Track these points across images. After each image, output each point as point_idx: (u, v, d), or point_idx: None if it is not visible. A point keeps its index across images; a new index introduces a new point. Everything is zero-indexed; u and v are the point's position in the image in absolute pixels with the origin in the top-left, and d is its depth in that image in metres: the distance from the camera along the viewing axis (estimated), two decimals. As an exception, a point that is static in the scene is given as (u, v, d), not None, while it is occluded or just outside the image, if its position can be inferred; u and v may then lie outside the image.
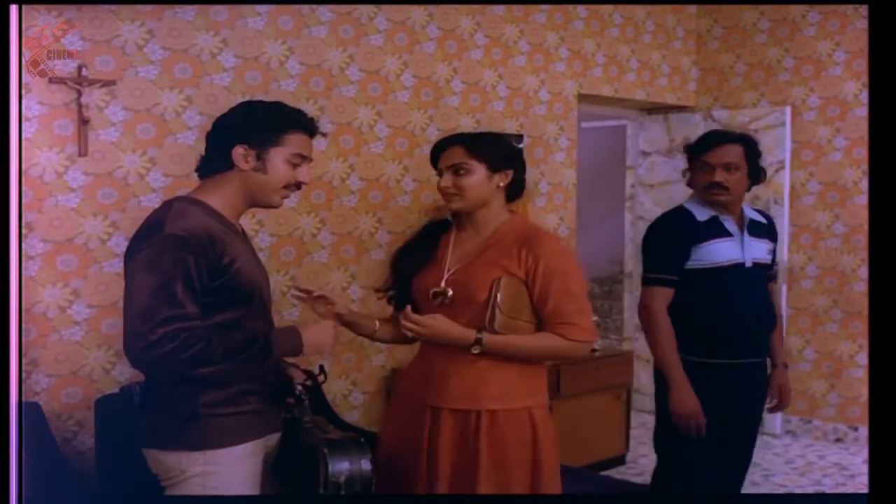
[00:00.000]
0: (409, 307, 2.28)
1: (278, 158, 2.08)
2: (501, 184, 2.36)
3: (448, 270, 2.35)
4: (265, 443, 2.13)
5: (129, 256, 2.01)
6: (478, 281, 2.29)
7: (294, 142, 2.10)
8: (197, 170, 2.16)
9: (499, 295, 2.25)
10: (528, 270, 2.28)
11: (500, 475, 2.27)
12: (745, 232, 2.98)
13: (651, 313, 2.91)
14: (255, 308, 2.10)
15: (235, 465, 2.05)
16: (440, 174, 2.38)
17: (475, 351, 2.25)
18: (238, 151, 2.06)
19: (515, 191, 2.41)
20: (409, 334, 2.30)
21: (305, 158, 2.13)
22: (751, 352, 2.97)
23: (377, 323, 2.48)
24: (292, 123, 2.10)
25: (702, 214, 2.97)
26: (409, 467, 2.33)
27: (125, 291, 1.97)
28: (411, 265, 2.44)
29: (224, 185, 2.09)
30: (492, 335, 2.25)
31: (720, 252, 2.91)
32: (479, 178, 2.32)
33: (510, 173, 2.37)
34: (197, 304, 1.94)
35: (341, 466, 2.05)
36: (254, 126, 2.07)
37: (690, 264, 2.91)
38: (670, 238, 2.97)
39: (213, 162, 2.11)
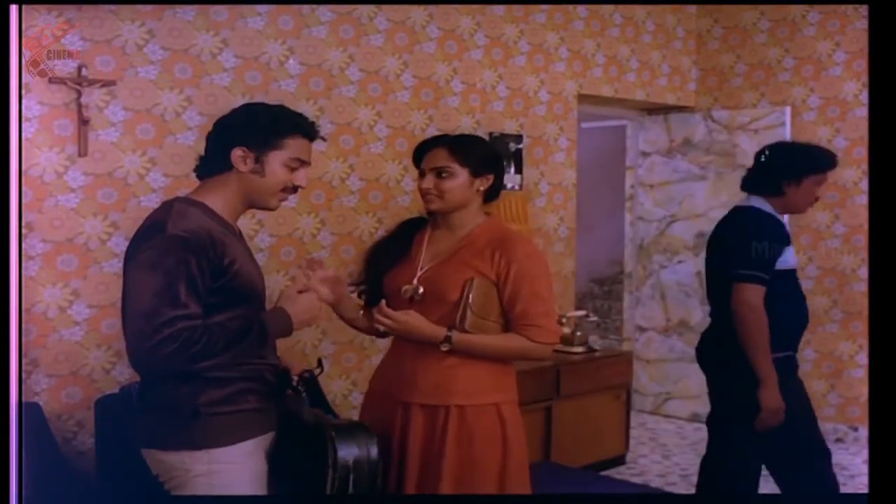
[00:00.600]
0: (383, 302, 2.31)
1: (276, 162, 2.09)
2: (482, 188, 2.40)
3: (421, 268, 2.39)
4: (267, 440, 2.13)
5: (130, 257, 2.01)
6: (450, 280, 2.33)
7: (293, 146, 2.10)
8: (196, 170, 2.17)
9: (471, 295, 2.29)
10: (499, 273, 2.32)
11: (467, 470, 2.30)
12: None
13: (753, 309, 2.95)
14: (254, 308, 2.10)
15: (240, 463, 2.05)
16: (422, 174, 2.40)
17: (444, 348, 2.29)
18: (237, 153, 2.06)
19: (493, 194, 2.45)
20: (381, 328, 2.32)
21: (304, 163, 2.14)
22: (798, 345, 3.14)
23: (362, 311, 2.52)
24: (292, 127, 2.11)
25: (782, 219, 3.10)
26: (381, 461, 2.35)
27: (125, 291, 1.97)
28: (385, 261, 2.46)
29: (222, 186, 2.10)
30: (461, 334, 2.29)
31: (792, 255, 3.07)
32: (460, 182, 2.36)
33: (491, 178, 2.41)
34: (199, 304, 1.95)
35: (350, 450, 2.04)
36: (254, 129, 2.07)
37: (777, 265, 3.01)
38: (772, 238, 3.02)
39: (212, 163, 2.11)
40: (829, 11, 5.22)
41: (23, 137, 3.12)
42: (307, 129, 2.14)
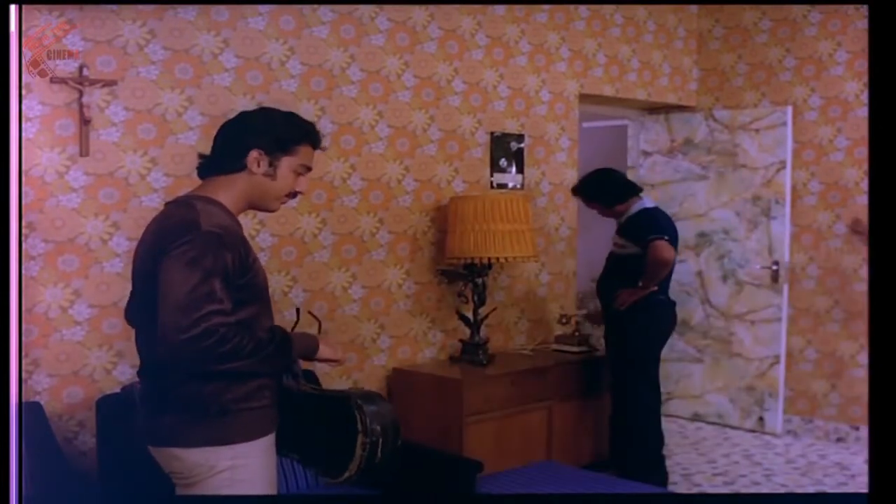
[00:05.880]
0: None
1: (288, 167, 2.18)
2: None
3: None
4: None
5: (163, 253, 2.01)
6: None
7: (303, 153, 2.21)
8: (199, 168, 2.23)
9: None
10: None
11: None
12: None
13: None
14: (265, 305, 2.17)
15: (261, 457, 2.11)
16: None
17: None
18: (253, 156, 2.14)
19: None
20: None
21: (309, 169, 2.24)
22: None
23: None
24: (305, 136, 2.21)
25: None
26: None
27: (160, 286, 1.97)
28: None
29: (231, 186, 2.16)
30: None
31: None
32: None
33: None
34: (231, 300, 2.00)
35: (377, 417, 2.10)
36: (272, 134, 2.16)
37: None
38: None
39: (222, 163, 2.18)
40: (830, 11, 5.21)
41: (24, 137, 3.13)
42: (316, 139, 2.25)
